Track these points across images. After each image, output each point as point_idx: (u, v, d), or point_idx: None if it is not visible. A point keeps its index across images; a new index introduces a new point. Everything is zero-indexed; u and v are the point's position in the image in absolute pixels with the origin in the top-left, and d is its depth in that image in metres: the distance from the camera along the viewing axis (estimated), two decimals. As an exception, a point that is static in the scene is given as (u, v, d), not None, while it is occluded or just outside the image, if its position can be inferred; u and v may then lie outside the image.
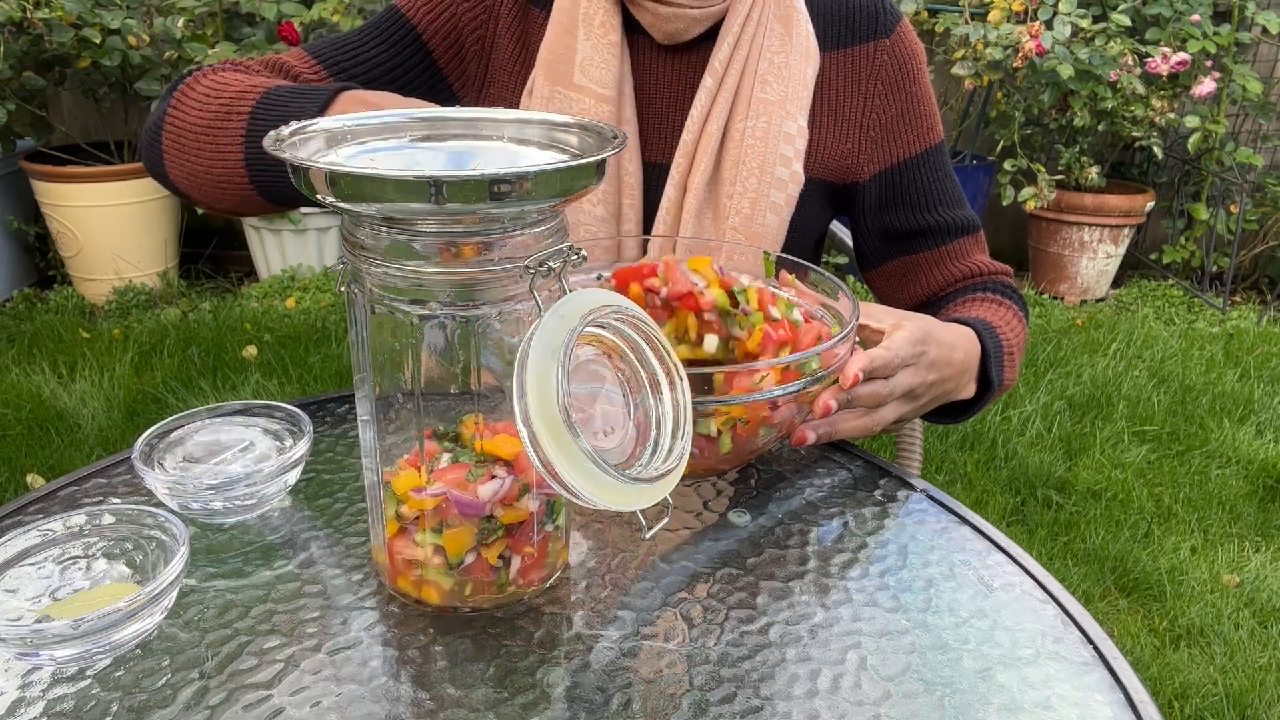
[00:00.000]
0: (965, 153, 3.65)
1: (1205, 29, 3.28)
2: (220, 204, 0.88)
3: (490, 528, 0.59)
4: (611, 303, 0.54)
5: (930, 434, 2.49)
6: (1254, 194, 3.55)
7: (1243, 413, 2.65)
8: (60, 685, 0.55)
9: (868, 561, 0.69)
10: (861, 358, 0.76)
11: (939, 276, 1.04)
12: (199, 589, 0.63)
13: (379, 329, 0.56)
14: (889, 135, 1.00)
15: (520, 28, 0.97)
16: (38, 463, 2.23)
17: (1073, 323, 3.28)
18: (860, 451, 0.85)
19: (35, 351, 2.76)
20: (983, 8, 3.40)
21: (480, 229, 0.52)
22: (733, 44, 0.94)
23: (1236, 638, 1.81)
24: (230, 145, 0.82)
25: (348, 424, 0.86)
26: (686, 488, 0.77)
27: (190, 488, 0.67)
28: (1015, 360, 0.95)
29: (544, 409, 0.49)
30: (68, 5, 2.80)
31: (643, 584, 0.65)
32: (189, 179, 0.87)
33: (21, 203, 3.34)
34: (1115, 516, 2.18)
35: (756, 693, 0.56)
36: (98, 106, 3.32)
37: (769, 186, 0.94)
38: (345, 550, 0.68)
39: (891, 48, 1.00)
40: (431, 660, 0.57)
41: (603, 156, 0.53)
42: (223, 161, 0.83)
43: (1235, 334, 3.21)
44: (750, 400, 0.68)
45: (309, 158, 0.54)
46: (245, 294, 3.28)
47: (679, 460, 0.56)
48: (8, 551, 0.59)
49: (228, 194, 0.85)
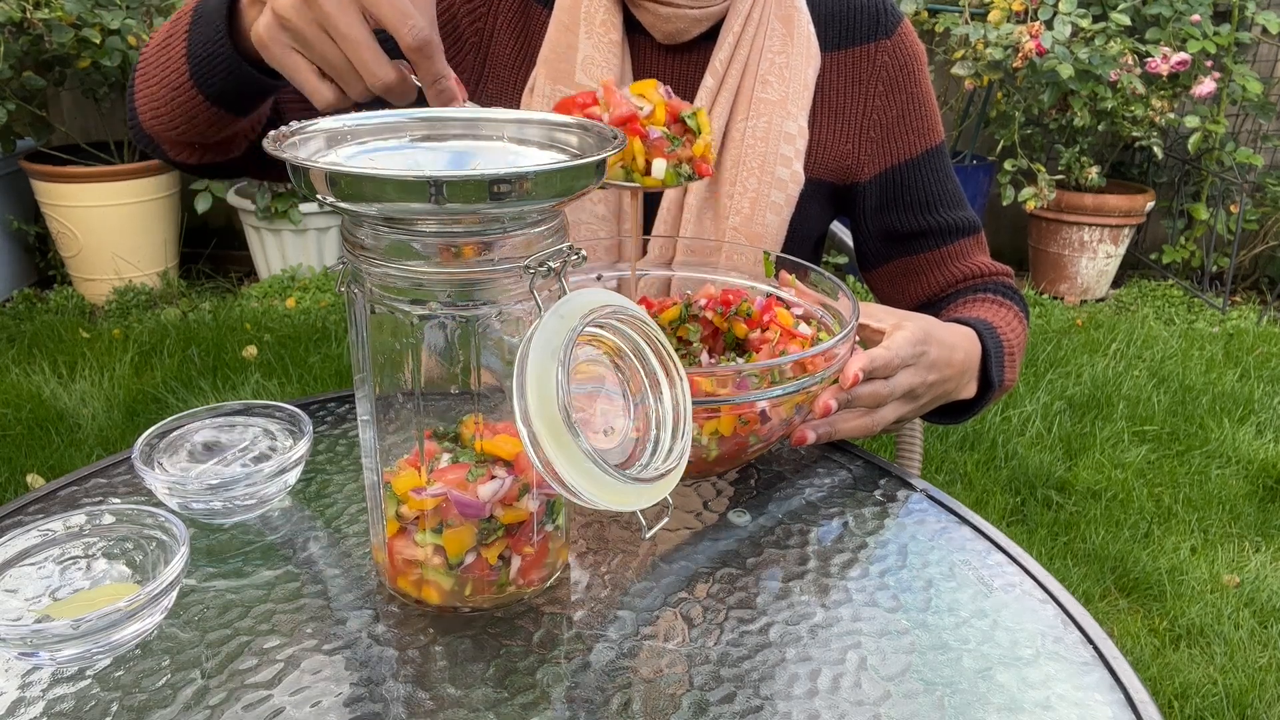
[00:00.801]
0: (965, 153, 3.65)
1: (1205, 29, 3.28)
2: (175, 126, 0.85)
3: (490, 528, 0.59)
4: (611, 303, 0.54)
5: (930, 434, 2.49)
6: (1254, 194, 3.55)
7: (1243, 413, 2.65)
8: (60, 685, 0.55)
9: (868, 561, 0.69)
10: (861, 358, 0.76)
11: (939, 277, 1.04)
12: (199, 589, 0.63)
13: (379, 329, 0.56)
14: (889, 136, 1.00)
15: (521, 24, 0.97)
16: (38, 463, 2.23)
17: (1073, 323, 3.28)
18: (860, 451, 0.85)
19: (35, 351, 2.76)
20: (983, 8, 3.41)
21: (480, 229, 0.52)
22: (733, 44, 0.94)
23: (1236, 638, 1.81)
24: (177, 46, 0.80)
25: (348, 424, 0.86)
26: (686, 488, 0.77)
27: (190, 488, 0.67)
28: (1016, 361, 0.95)
29: (544, 409, 0.49)
30: (68, 5, 2.80)
31: (643, 584, 0.65)
32: (152, 109, 0.85)
33: (21, 203, 3.34)
34: (1115, 516, 2.18)
35: (756, 693, 0.56)
36: (98, 106, 3.32)
37: (769, 186, 0.94)
38: (345, 550, 0.68)
39: (892, 48, 1.00)
40: (431, 660, 0.57)
41: (603, 156, 0.53)
42: (172, 68, 0.81)
43: (1235, 334, 3.21)
44: (749, 400, 0.68)
45: (309, 158, 0.54)
46: (245, 294, 3.28)
47: (679, 460, 0.56)
48: (8, 551, 0.59)
49: (179, 106, 0.83)
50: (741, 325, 0.82)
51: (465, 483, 0.57)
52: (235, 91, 0.79)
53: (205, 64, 0.78)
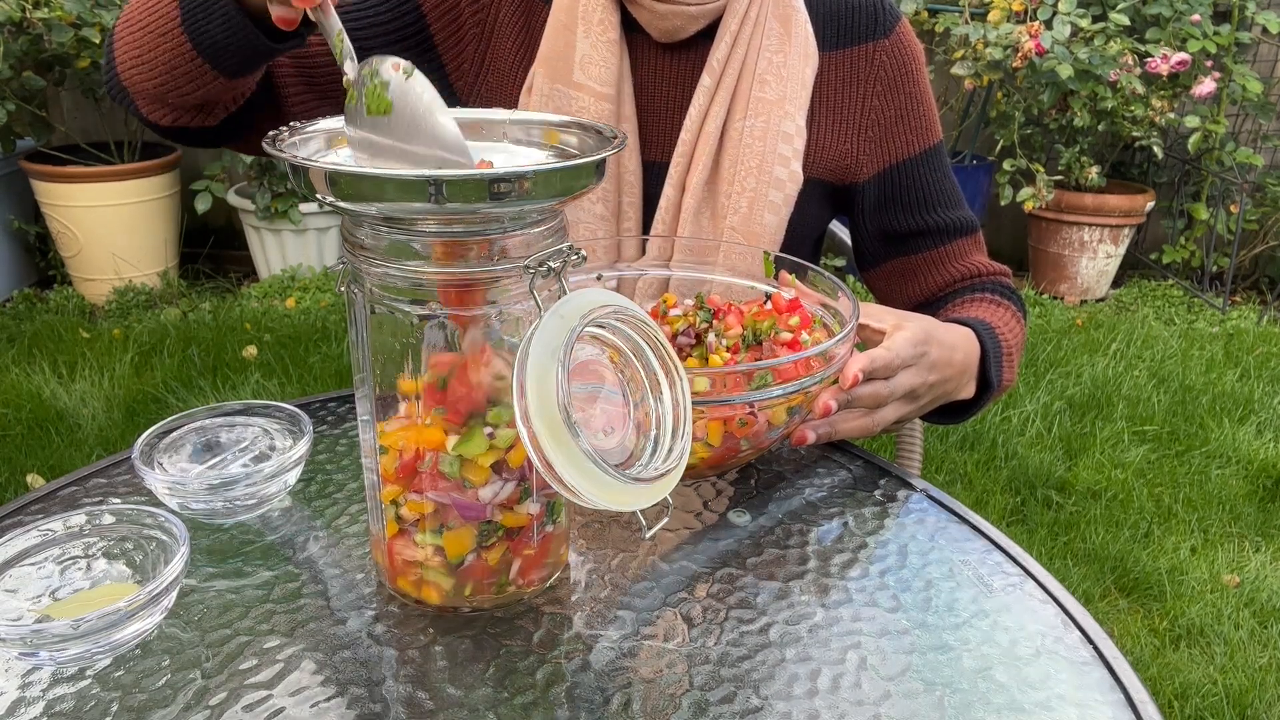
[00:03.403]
0: (965, 153, 3.65)
1: (1205, 29, 3.28)
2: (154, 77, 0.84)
3: (490, 529, 0.59)
4: (611, 303, 0.54)
5: (930, 434, 2.49)
6: (1254, 194, 3.55)
7: (1243, 413, 2.65)
8: (60, 685, 0.55)
9: (868, 561, 0.69)
10: (861, 358, 0.76)
11: (938, 277, 1.04)
12: (199, 589, 0.63)
13: (379, 329, 0.56)
14: (888, 135, 1.00)
15: (524, 20, 0.97)
16: (38, 463, 2.23)
17: (1073, 323, 3.28)
18: (860, 451, 0.85)
19: (35, 351, 2.76)
20: (983, 8, 3.40)
21: (480, 229, 0.52)
22: (730, 43, 0.94)
23: (1236, 638, 1.81)
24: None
25: (348, 424, 0.86)
26: (686, 488, 0.77)
27: (190, 488, 0.67)
28: (1014, 361, 0.95)
29: (544, 409, 0.49)
30: (67, 5, 2.79)
31: (643, 584, 0.65)
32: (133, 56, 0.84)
33: (21, 203, 3.34)
34: (1115, 516, 2.18)
35: (756, 693, 0.56)
36: (98, 106, 3.31)
37: (767, 186, 0.94)
38: (345, 550, 0.68)
39: (890, 48, 1.00)
40: (431, 660, 0.57)
41: (602, 156, 0.53)
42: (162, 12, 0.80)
43: (1235, 334, 3.21)
44: (748, 399, 0.68)
45: (309, 158, 0.54)
46: (245, 294, 3.27)
47: (679, 460, 0.56)
48: (8, 551, 0.59)
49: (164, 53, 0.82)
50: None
51: (463, 486, 0.57)
52: (227, 43, 0.78)
53: (201, 7, 0.77)
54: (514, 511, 0.59)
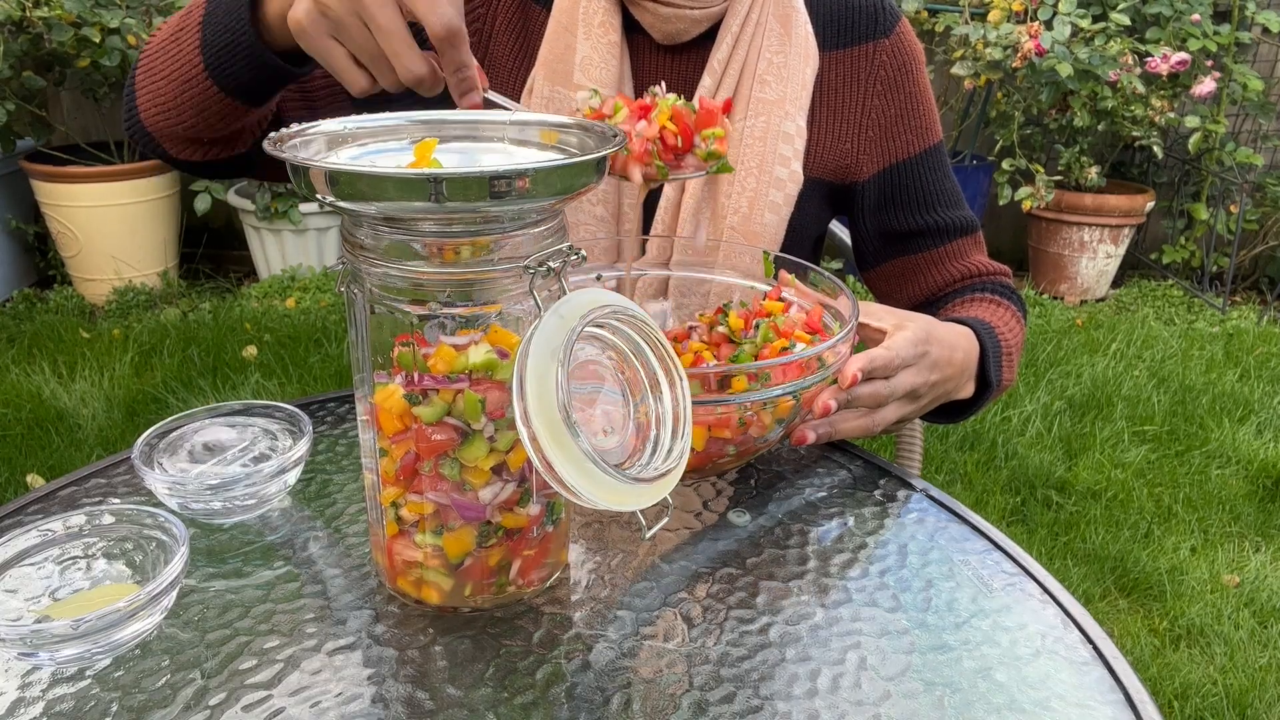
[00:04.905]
0: (965, 153, 3.65)
1: (1205, 28, 3.28)
2: (183, 120, 0.85)
3: (490, 530, 0.59)
4: (611, 303, 0.54)
5: (930, 434, 2.49)
6: (1254, 194, 3.55)
7: (1243, 413, 2.65)
8: (60, 685, 0.55)
9: (867, 561, 0.69)
10: (861, 358, 0.76)
11: (938, 277, 1.04)
12: (199, 589, 0.63)
13: (379, 329, 0.56)
14: (888, 135, 1.00)
15: (520, 25, 0.97)
16: (38, 463, 2.23)
17: (1073, 323, 3.28)
18: (860, 451, 0.85)
19: (35, 351, 2.76)
20: (983, 8, 3.41)
21: (480, 228, 0.52)
22: (731, 44, 0.94)
23: (1236, 638, 1.81)
24: (189, 39, 0.80)
25: (348, 424, 0.86)
26: (686, 488, 0.77)
27: (190, 488, 0.67)
28: (1014, 360, 0.95)
29: (544, 409, 0.49)
30: (68, 5, 2.79)
31: (643, 584, 0.65)
32: (157, 104, 0.85)
33: (21, 203, 3.34)
34: (1115, 516, 2.18)
35: (756, 693, 0.56)
36: (98, 106, 3.31)
37: (767, 186, 0.94)
38: (345, 550, 0.68)
39: (890, 48, 1.00)
40: (431, 660, 0.57)
41: (602, 154, 0.53)
42: (184, 61, 0.81)
43: (1235, 334, 3.21)
44: (747, 399, 0.68)
45: (309, 159, 0.54)
46: (245, 294, 3.28)
47: (679, 460, 0.56)
48: (8, 551, 0.59)
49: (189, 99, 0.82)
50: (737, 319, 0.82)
51: (462, 487, 0.57)
52: (252, 81, 0.79)
53: (224, 53, 0.78)
54: (514, 513, 0.59)
